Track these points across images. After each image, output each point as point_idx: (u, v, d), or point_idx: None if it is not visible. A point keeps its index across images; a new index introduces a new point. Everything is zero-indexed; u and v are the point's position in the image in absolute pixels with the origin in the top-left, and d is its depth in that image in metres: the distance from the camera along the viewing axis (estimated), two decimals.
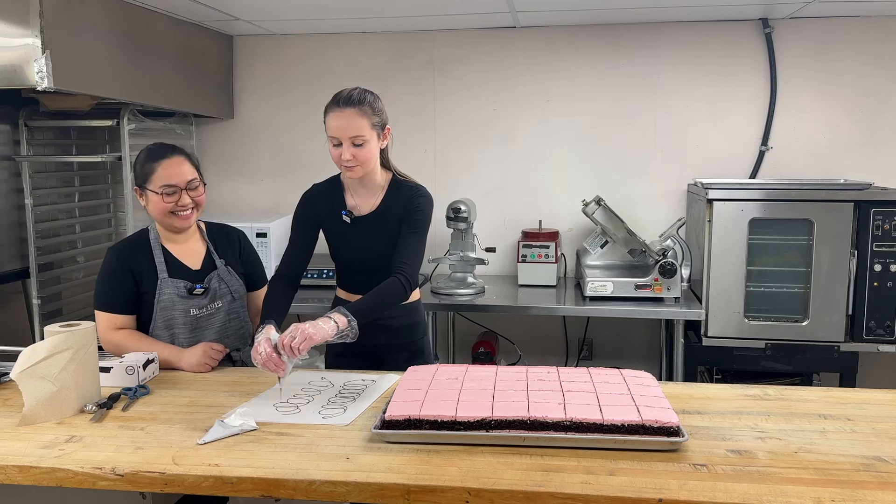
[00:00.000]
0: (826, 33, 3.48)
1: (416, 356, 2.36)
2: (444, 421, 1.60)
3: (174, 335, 2.25)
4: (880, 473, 1.45)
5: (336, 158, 2.16)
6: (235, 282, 2.35)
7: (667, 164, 3.65)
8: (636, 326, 3.75)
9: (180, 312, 2.23)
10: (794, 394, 1.94)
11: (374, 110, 2.14)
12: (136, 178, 2.23)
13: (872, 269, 2.92)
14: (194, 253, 2.31)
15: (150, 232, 2.29)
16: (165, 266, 2.24)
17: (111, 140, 3.73)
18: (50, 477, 1.51)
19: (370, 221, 2.27)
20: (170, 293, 2.22)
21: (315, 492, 1.44)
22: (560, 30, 3.66)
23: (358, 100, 2.12)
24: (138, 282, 2.22)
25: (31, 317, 3.44)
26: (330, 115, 2.15)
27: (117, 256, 2.24)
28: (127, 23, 3.01)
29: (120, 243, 2.31)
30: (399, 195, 2.27)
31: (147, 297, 2.22)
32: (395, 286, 2.12)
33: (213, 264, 2.32)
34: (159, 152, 2.22)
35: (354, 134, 2.10)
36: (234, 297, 2.34)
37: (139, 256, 2.24)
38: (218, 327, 2.30)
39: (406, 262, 2.17)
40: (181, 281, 2.24)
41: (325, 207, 2.31)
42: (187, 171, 2.21)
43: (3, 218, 3.36)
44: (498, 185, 3.77)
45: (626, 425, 1.57)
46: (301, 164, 3.89)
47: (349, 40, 3.80)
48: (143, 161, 2.22)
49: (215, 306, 2.29)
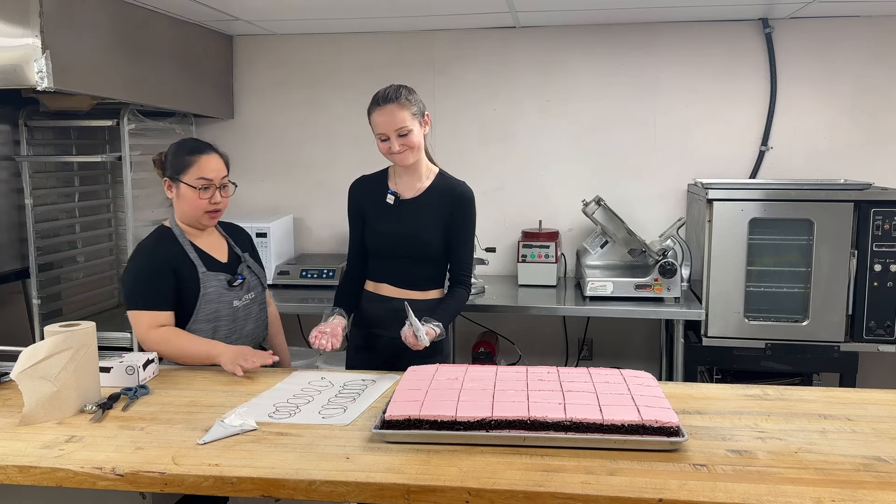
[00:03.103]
0: (826, 33, 3.48)
1: (434, 354, 2.38)
2: (444, 421, 1.60)
3: (216, 328, 2.23)
4: (880, 473, 1.45)
5: (385, 151, 2.32)
6: (260, 271, 2.40)
7: (667, 164, 3.65)
8: (636, 326, 3.75)
9: (225, 305, 2.24)
10: (794, 394, 1.94)
11: (411, 101, 2.30)
12: (169, 169, 2.21)
13: (872, 269, 2.92)
14: (219, 246, 2.33)
15: (174, 228, 2.27)
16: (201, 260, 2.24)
17: (111, 140, 3.73)
18: (50, 477, 1.51)
19: (412, 205, 2.40)
20: (215, 286, 2.22)
21: (315, 492, 1.44)
22: (560, 30, 3.66)
23: (395, 96, 2.27)
24: (178, 277, 2.19)
25: (31, 317, 3.43)
26: (374, 115, 2.30)
27: (153, 252, 2.21)
28: (127, 23, 3.01)
29: (149, 241, 2.25)
30: (444, 185, 2.42)
31: (187, 292, 2.19)
32: (464, 298, 2.44)
33: (238, 257, 2.34)
34: (199, 146, 2.24)
35: (399, 126, 2.26)
36: (263, 286, 2.40)
37: (174, 252, 2.21)
38: (255, 316, 2.34)
39: (466, 273, 2.44)
40: (221, 273, 2.25)
41: (369, 192, 2.45)
42: (222, 168, 2.25)
43: (3, 218, 3.35)
44: (498, 185, 3.77)
45: (626, 425, 1.57)
46: (301, 164, 3.90)
47: (349, 40, 3.80)
48: (179, 152, 2.22)
49: (250, 297, 2.33)
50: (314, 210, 3.92)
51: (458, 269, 2.44)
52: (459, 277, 2.44)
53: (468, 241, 2.45)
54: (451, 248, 2.41)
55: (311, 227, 3.94)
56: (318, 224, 3.93)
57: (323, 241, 3.94)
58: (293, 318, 3.79)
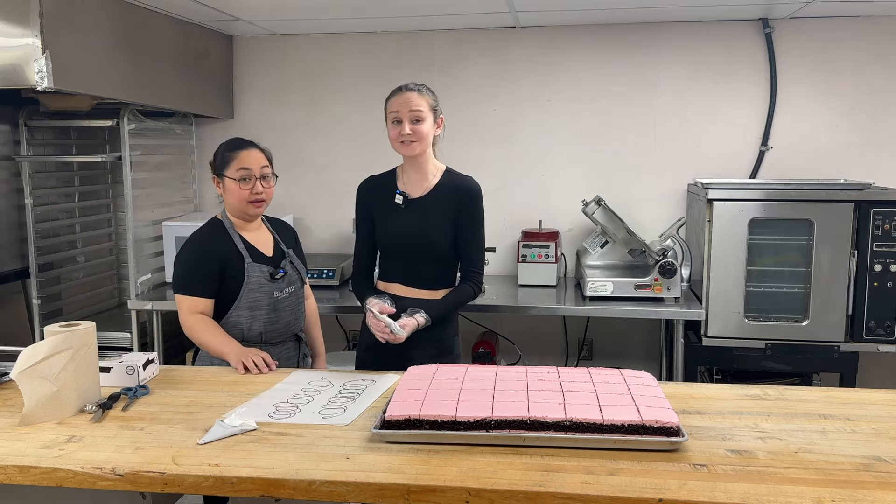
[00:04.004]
0: (826, 33, 3.48)
1: (444, 354, 2.40)
2: (444, 421, 1.60)
3: (255, 316, 2.34)
4: (880, 473, 1.45)
5: (395, 136, 2.34)
6: (301, 268, 2.50)
7: (667, 164, 3.65)
8: (636, 326, 3.75)
9: (265, 294, 2.35)
10: (794, 394, 1.94)
11: (431, 95, 2.39)
12: (216, 167, 2.38)
13: (872, 269, 2.92)
14: (265, 241, 2.45)
15: (224, 221, 2.40)
16: (248, 252, 2.35)
17: (111, 140, 3.73)
18: (50, 477, 1.51)
19: (421, 204, 2.41)
20: (258, 277, 2.34)
21: (315, 492, 1.44)
22: (560, 30, 3.66)
23: (416, 87, 2.37)
24: (224, 266, 2.32)
25: (31, 317, 3.44)
26: (393, 98, 2.36)
27: (202, 243, 2.36)
28: (127, 23, 3.01)
29: (201, 232, 2.40)
30: (451, 181, 2.44)
31: (233, 281, 2.32)
32: (468, 292, 2.42)
33: (283, 252, 2.45)
34: (240, 143, 2.39)
35: (414, 108, 2.31)
36: (302, 282, 2.50)
37: (222, 242, 2.35)
38: (293, 308, 2.45)
39: (474, 269, 2.44)
40: (265, 266, 2.36)
41: (377, 192, 2.47)
42: (262, 160, 2.38)
43: (3, 218, 3.36)
44: (498, 185, 3.77)
45: (627, 425, 1.57)
46: (301, 164, 3.89)
47: (349, 40, 3.80)
48: (223, 151, 2.38)
49: (290, 290, 2.42)
50: (314, 210, 3.92)
51: (467, 264, 2.45)
52: (468, 273, 2.44)
53: (477, 236, 2.45)
54: (459, 244, 2.42)
55: (312, 227, 3.94)
56: (319, 224, 3.93)
57: (324, 241, 3.94)
58: None
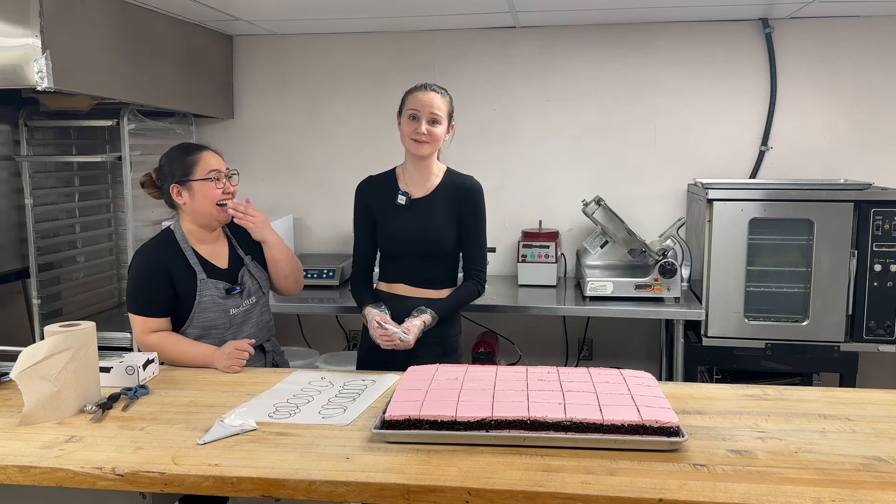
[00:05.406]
0: (826, 33, 3.48)
1: (448, 353, 2.40)
2: (444, 421, 1.60)
3: (208, 335, 2.24)
4: (880, 473, 1.45)
5: (410, 132, 2.34)
6: (262, 275, 2.38)
7: (667, 164, 3.65)
8: (636, 326, 3.75)
9: (220, 313, 2.24)
10: (794, 394, 1.94)
11: (451, 102, 2.42)
12: (175, 175, 2.22)
13: (872, 269, 2.92)
14: (221, 253, 2.33)
15: (176, 233, 2.27)
16: (201, 267, 2.24)
17: (111, 140, 3.73)
18: (50, 477, 1.51)
19: (424, 203, 2.41)
20: (210, 295, 2.23)
21: (315, 492, 1.44)
22: (560, 30, 3.66)
23: (440, 89, 2.39)
24: (175, 284, 2.20)
25: (31, 317, 3.43)
26: (414, 95, 2.36)
27: (150, 259, 2.23)
28: (127, 23, 3.01)
29: (149, 245, 2.28)
30: (453, 181, 2.45)
31: (185, 299, 2.21)
32: (472, 291, 2.45)
33: (240, 260, 2.33)
34: (194, 146, 2.29)
35: (435, 110, 2.33)
36: (263, 291, 2.37)
37: (173, 258, 2.23)
38: (254, 322, 2.33)
39: (477, 267, 2.46)
40: (220, 282, 2.25)
41: (377, 193, 2.45)
42: (221, 159, 2.29)
43: (3, 218, 3.35)
44: (498, 185, 3.77)
45: (627, 425, 1.57)
46: (301, 164, 3.90)
47: (349, 40, 3.80)
48: (180, 157, 2.23)
49: (250, 302, 2.32)
50: (314, 210, 3.92)
51: (470, 262, 2.46)
52: (471, 271, 2.45)
53: (479, 235, 2.46)
54: (462, 243, 2.43)
55: (312, 227, 3.94)
56: (319, 224, 3.93)
57: (323, 241, 3.94)
58: (293, 317, 3.79)
